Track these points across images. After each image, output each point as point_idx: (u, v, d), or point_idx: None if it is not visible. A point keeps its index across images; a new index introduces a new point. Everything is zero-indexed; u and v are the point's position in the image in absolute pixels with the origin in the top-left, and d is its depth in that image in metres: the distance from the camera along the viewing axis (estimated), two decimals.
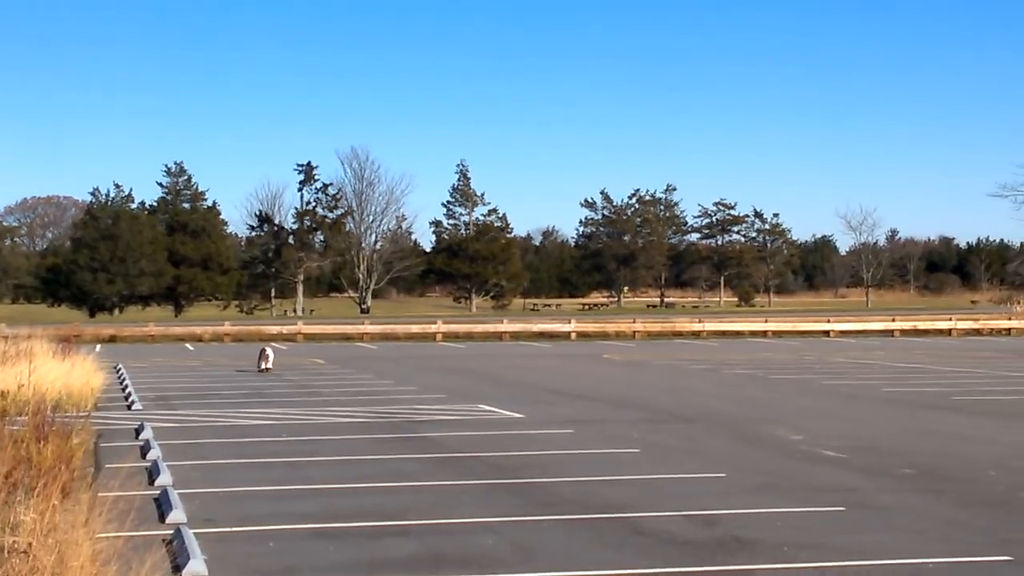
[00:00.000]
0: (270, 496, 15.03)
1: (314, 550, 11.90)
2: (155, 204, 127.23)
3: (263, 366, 37.72)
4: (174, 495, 14.27)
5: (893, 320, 70.84)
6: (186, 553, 11.23)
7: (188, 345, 59.99)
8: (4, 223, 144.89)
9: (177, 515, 13.31)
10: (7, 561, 7.18)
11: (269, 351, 39.16)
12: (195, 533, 12.10)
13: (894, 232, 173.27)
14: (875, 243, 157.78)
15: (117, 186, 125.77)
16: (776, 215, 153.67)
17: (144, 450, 18.98)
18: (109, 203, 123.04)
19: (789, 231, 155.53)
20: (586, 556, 11.61)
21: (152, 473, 16.48)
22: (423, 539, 12.38)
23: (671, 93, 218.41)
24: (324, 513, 13.76)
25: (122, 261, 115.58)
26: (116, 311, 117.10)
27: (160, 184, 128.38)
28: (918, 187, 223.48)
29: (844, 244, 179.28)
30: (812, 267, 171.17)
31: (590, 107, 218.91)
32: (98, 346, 54.84)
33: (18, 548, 7.35)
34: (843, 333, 67.92)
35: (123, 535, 12.22)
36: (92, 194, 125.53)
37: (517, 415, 24.65)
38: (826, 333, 67.79)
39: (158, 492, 14.86)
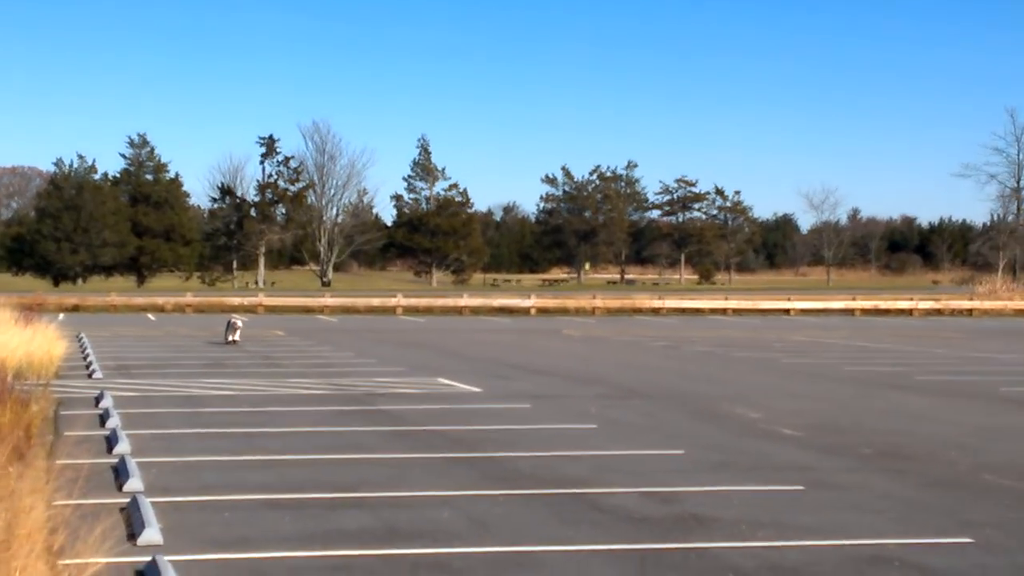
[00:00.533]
0: (227, 466, 14.96)
1: (269, 520, 11.85)
2: (118, 175, 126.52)
3: (230, 338, 37.11)
4: (132, 463, 14.20)
5: (854, 299, 71.05)
6: (141, 522, 11.17)
7: (150, 315, 59.75)
8: None
9: (134, 483, 13.24)
10: None
11: (238, 322, 38.30)
12: (151, 502, 12.05)
13: (856, 211, 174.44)
14: (837, 222, 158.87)
15: (80, 157, 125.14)
16: (738, 193, 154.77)
17: (103, 418, 18.86)
18: (73, 174, 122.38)
19: (750, 209, 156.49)
20: (541, 531, 11.60)
21: (111, 441, 16.38)
22: (378, 512, 12.34)
23: (633, 70, 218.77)
24: (280, 484, 13.71)
25: (85, 231, 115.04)
26: (80, 281, 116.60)
27: (123, 155, 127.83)
28: (880, 166, 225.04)
29: (806, 223, 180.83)
30: (773, 245, 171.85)
31: (552, 83, 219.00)
32: (61, 315, 54.60)
33: None
34: (804, 311, 68.20)
35: (79, 503, 12.16)
36: (56, 164, 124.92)
37: (475, 389, 24.63)
38: (787, 311, 68.02)
39: (116, 460, 14.79)
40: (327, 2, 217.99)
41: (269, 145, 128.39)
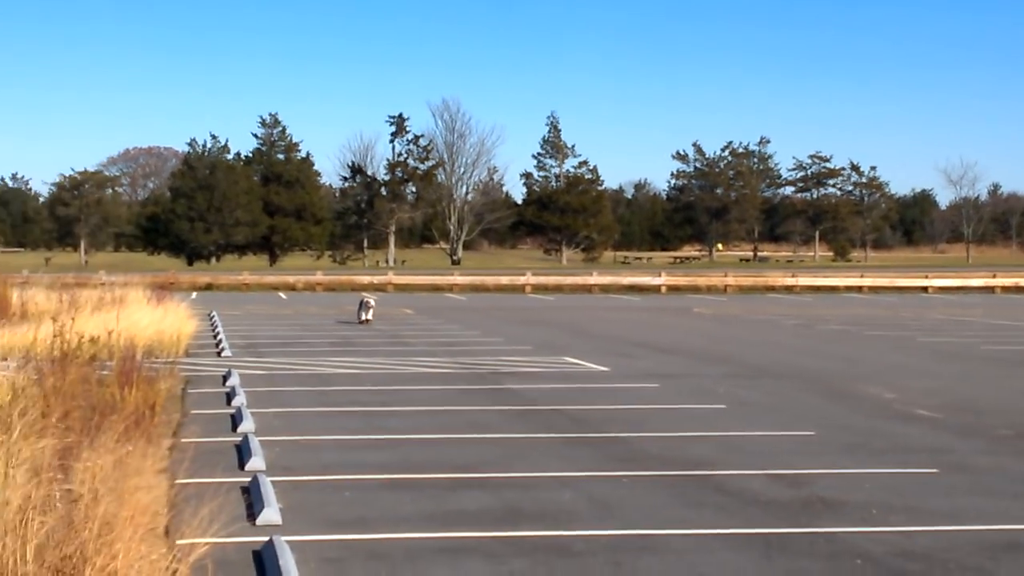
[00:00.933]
0: (349, 445, 14.92)
1: (388, 501, 11.75)
2: (250, 155, 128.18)
3: (363, 317, 36.69)
4: (255, 442, 14.21)
5: (994, 276, 69.35)
6: (261, 501, 11.14)
7: (281, 294, 60.40)
8: (106, 173, 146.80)
9: (256, 462, 13.24)
10: (61, 509, 7.08)
11: (371, 301, 37.95)
12: (272, 481, 12.01)
13: (996, 186, 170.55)
14: (976, 198, 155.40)
15: (213, 137, 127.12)
16: (873, 168, 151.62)
17: (229, 397, 18.99)
18: (206, 154, 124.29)
19: (887, 185, 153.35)
20: (664, 514, 11.35)
21: (235, 420, 16.44)
22: (499, 492, 12.18)
23: (766, 44, 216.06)
24: (401, 464, 13.61)
25: (218, 211, 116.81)
26: (213, 260, 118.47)
27: (255, 135, 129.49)
28: (1022, 141, 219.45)
29: (944, 199, 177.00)
30: (911, 222, 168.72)
31: (683, 58, 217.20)
32: (194, 294, 55.42)
33: (73, 496, 7.24)
34: (941, 289, 66.77)
35: (201, 481, 12.19)
36: (189, 145, 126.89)
37: (602, 368, 24.38)
38: (924, 289, 66.66)
39: (239, 439, 14.81)
40: None
41: (399, 124, 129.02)
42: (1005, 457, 14.55)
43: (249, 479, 12.22)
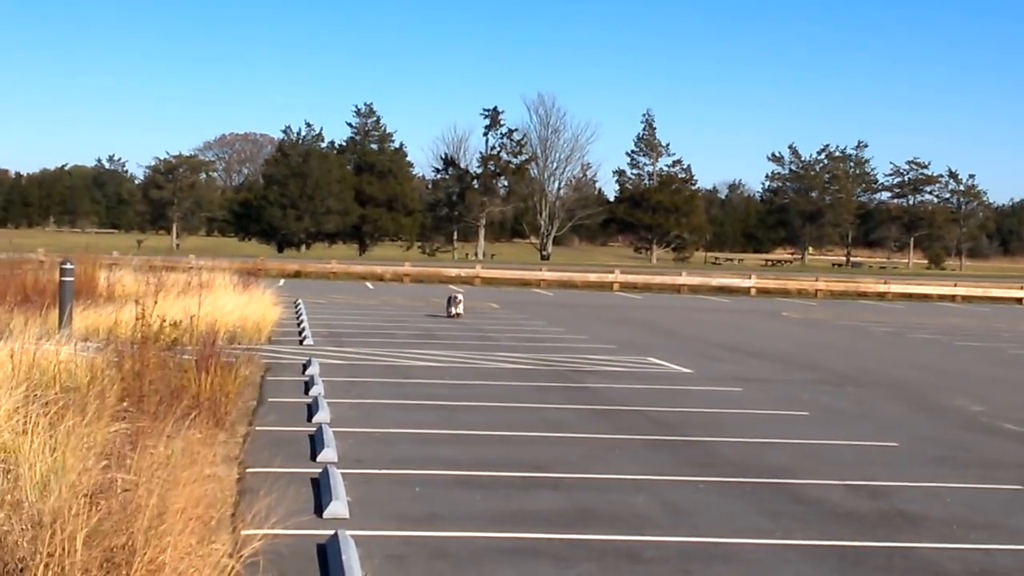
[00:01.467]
0: (422, 440, 14.80)
1: (459, 498, 11.61)
2: (344, 144, 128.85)
3: (453, 311, 36.21)
4: (328, 433, 14.12)
5: None
6: (330, 494, 11.04)
7: (368, 283, 60.55)
8: (202, 158, 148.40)
9: (328, 454, 13.16)
10: (108, 499, 7.02)
11: (460, 296, 37.62)
12: (343, 473, 11.92)
13: None
14: None
15: (308, 125, 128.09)
16: (972, 176, 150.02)
17: (308, 386, 18.96)
18: (300, 141, 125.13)
19: (985, 193, 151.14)
20: (739, 523, 11.11)
21: (311, 409, 16.39)
22: (572, 493, 12.01)
23: (865, 47, 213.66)
24: (474, 460, 13.47)
25: (310, 199, 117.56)
26: (303, 247, 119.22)
27: (349, 124, 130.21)
28: None
29: None
30: (1008, 232, 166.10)
31: (780, 60, 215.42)
32: (282, 281, 55.71)
33: (115, 488, 7.17)
34: None
35: (272, 471, 12.14)
36: (284, 132, 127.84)
37: (686, 370, 24.10)
38: (1019, 301, 65.48)
39: (314, 429, 14.74)
40: None
41: (493, 117, 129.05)
42: None
43: (320, 470, 12.13)
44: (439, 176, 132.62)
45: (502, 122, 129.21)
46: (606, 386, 20.94)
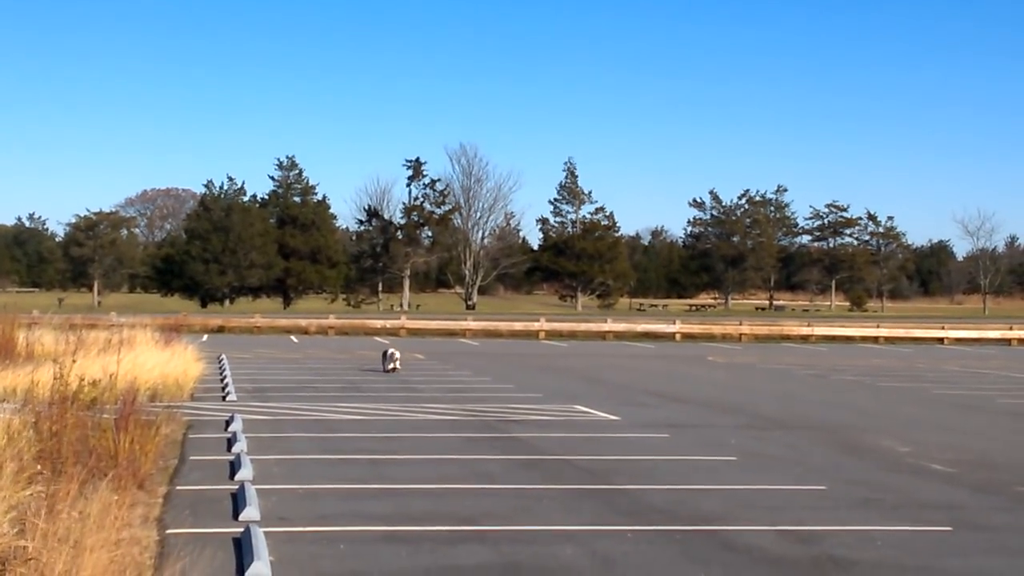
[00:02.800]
0: (348, 495, 14.56)
1: (385, 554, 11.39)
2: (266, 197, 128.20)
3: (389, 366, 35.20)
4: (251, 491, 13.86)
5: (1011, 328, 68.84)
6: (252, 554, 10.78)
7: (293, 337, 60.05)
8: (123, 214, 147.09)
9: (250, 512, 12.90)
10: (14, 567, 6.75)
11: (396, 352, 36.29)
12: (266, 532, 11.68)
13: (1013, 238, 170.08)
14: (994, 249, 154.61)
15: (230, 179, 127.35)
16: (891, 218, 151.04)
17: (230, 443, 18.65)
18: (222, 195, 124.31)
19: (904, 235, 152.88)
20: (669, 571, 10.99)
21: (234, 467, 16.10)
22: (499, 546, 11.82)
23: (783, 92, 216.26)
24: (401, 515, 13.25)
25: (233, 253, 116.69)
26: (227, 302, 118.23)
27: (272, 177, 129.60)
28: None
29: (961, 250, 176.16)
30: (928, 272, 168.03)
31: (699, 106, 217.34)
32: (205, 336, 55.13)
33: (25, 555, 6.91)
34: (958, 341, 66.28)
35: (192, 531, 11.88)
36: (206, 186, 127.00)
37: (612, 417, 24.00)
38: (940, 340, 66.16)
39: (236, 487, 14.46)
40: (473, 26, 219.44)
41: (416, 168, 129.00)
42: (1020, 514, 14.18)
43: (242, 530, 11.87)
44: (363, 228, 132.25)
45: (425, 172, 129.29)
46: (533, 435, 20.78)
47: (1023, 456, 19.45)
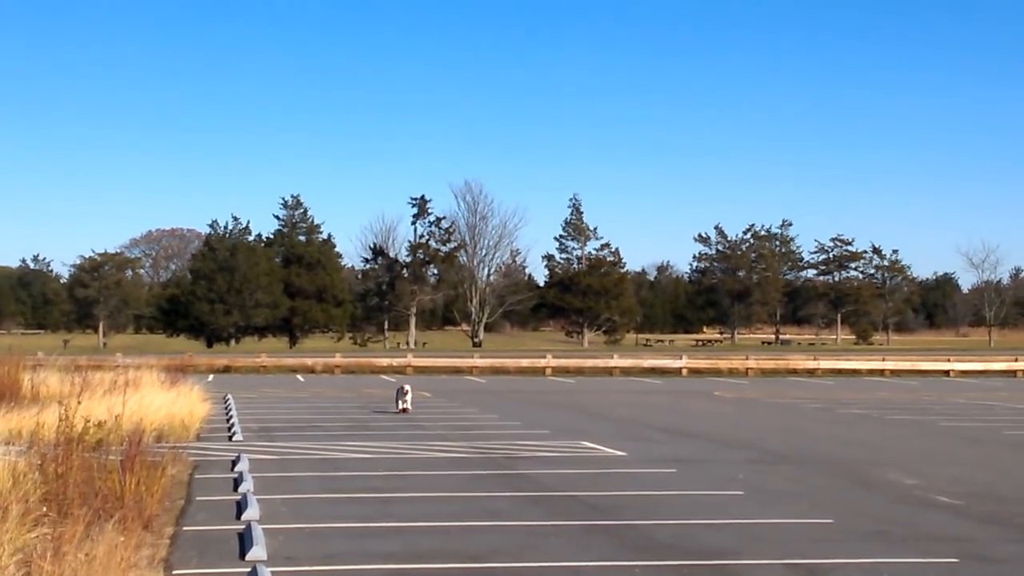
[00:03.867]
0: (356, 533, 14.55)
1: None
2: (271, 237, 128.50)
3: (400, 406, 34.10)
4: (257, 531, 13.86)
5: (1016, 360, 68.78)
6: None
7: (299, 376, 60.02)
8: (128, 255, 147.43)
9: (257, 552, 12.89)
10: None
11: (407, 387, 35.19)
12: (273, 571, 11.68)
13: (1018, 270, 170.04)
14: (998, 281, 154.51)
15: (235, 219, 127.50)
16: (895, 252, 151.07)
17: (237, 482, 18.63)
18: (227, 235, 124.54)
19: (909, 268, 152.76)
20: None
21: (240, 506, 16.09)
22: None
23: (788, 127, 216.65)
24: (408, 553, 13.25)
25: (239, 292, 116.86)
26: (232, 342, 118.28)
27: (277, 217, 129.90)
28: None
29: (966, 282, 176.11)
30: (933, 305, 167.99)
31: (706, 141, 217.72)
32: (211, 376, 55.13)
33: None
34: (964, 373, 66.15)
35: (199, 572, 11.87)
36: (211, 226, 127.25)
37: (620, 453, 23.98)
38: (946, 373, 66.07)
39: (243, 527, 14.45)
40: (477, 63, 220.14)
41: (421, 206, 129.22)
42: None
43: (248, 570, 11.86)
44: (368, 266, 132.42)
45: (430, 210, 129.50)
46: (540, 472, 20.77)
47: None
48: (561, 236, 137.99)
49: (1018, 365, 67.25)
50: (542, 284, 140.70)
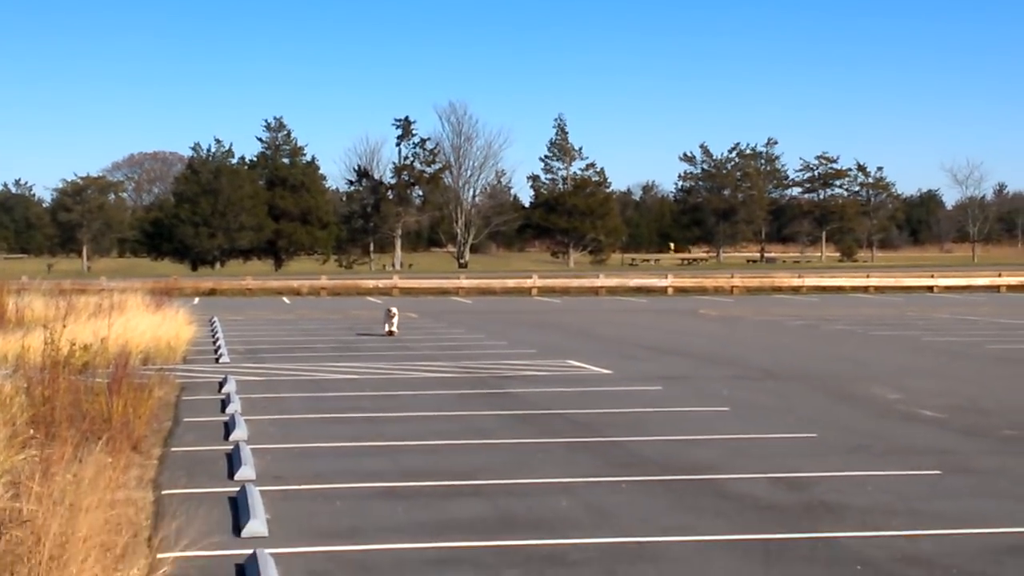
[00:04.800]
0: (344, 452, 14.64)
1: (381, 510, 11.48)
2: (255, 159, 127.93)
3: (387, 328, 33.52)
4: (246, 451, 13.93)
5: (1000, 275, 69.07)
6: (248, 512, 10.86)
7: (285, 299, 60.09)
8: (111, 178, 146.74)
9: (246, 472, 12.96)
10: (10, 530, 6.81)
11: (395, 310, 34.61)
12: (261, 491, 11.75)
13: (1002, 186, 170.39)
14: (982, 197, 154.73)
15: (218, 141, 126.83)
16: (880, 169, 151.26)
17: (224, 404, 18.69)
18: (210, 158, 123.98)
19: (893, 185, 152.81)
20: (664, 521, 11.07)
21: (228, 427, 16.16)
22: (494, 500, 11.91)
23: (772, 45, 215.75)
24: (396, 471, 13.33)
25: (223, 215, 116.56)
26: (217, 265, 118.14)
27: (260, 139, 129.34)
28: None
29: (950, 198, 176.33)
30: (917, 222, 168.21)
31: (690, 60, 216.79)
32: (196, 299, 55.21)
33: (21, 517, 6.97)
34: (947, 288, 66.43)
35: (188, 491, 11.95)
36: (193, 149, 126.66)
37: (605, 371, 24.09)
38: (930, 288, 66.33)
39: (231, 447, 14.53)
40: None
41: (405, 127, 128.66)
42: (1010, 458, 14.26)
43: (237, 489, 11.94)
44: (353, 188, 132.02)
45: (414, 132, 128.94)
46: (526, 391, 20.87)
47: (1012, 401, 19.56)
48: (546, 156, 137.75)
49: (1001, 280, 67.55)
50: (527, 205, 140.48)
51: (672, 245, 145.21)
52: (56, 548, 6.58)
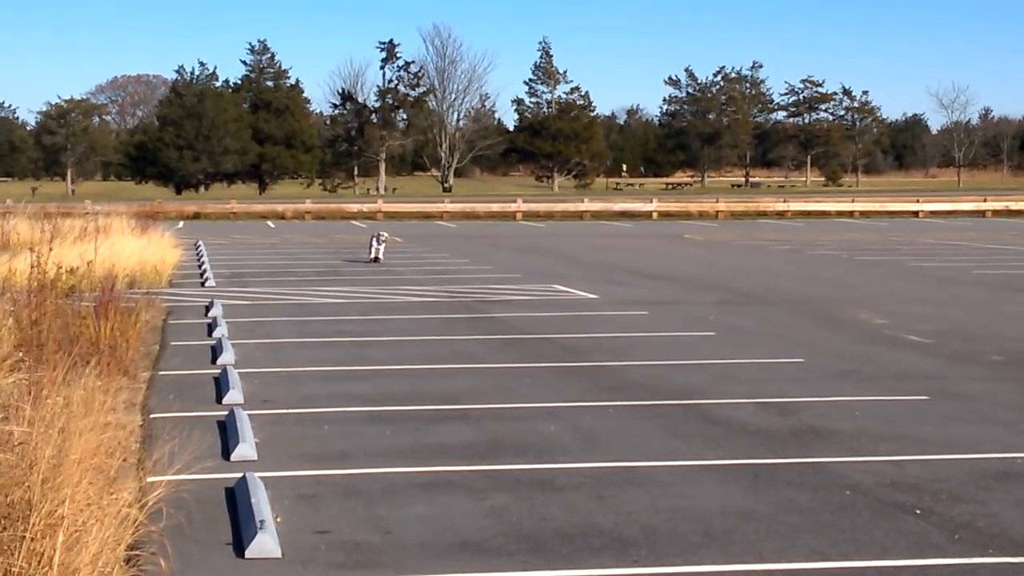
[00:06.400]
0: (331, 376, 14.65)
1: (369, 434, 11.49)
2: (239, 82, 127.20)
3: (372, 255, 32.07)
4: (233, 375, 13.91)
5: (985, 200, 69.16)
6: (237, 436, 10.86)
7: (270, 223, 59.96)
8: (94, 101, 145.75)
9: (234, 395, 12.94)
10: (3, 451, 6.80)
11: (385, 234, 33.24)
12: (250, 414, 11.74)
13: (987, 110, 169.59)
14: (967, 122, 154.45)
15: (202, 64, 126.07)
16: (865, 93, 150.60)
17: (211, 328, 18.62)
18: (194, 81, 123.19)
19: (879, 109, 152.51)
20: (651, 446, 11.10)
21: (215, 351, 16.12)
22: (482, 424, 11.93)
23: None
24: (383, 395, 13.35)
25: (207, 139, 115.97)
26: (202, 188, 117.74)
27: (244, 62, 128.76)
28: (1013, 64, 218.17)
29: (936, 123, 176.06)
30: (902, 146, 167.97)
31: None
32: (181, 223, 55.06)
33: (13, 440, 6.96)
34: (932, 213, 66.46)
35: (177, 415, 11.96)
36: (177, 72, 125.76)
37: (591, 296, 24.09)
38: (915, 213, 66.39)
39: (218, 371, 14.51)
40: None
41: (389, 50, 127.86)
42: (997, 383, 14.32)
43: (226, 413, 11.94)
44: (337, 112, 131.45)
45: (398, 55, 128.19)
46: (512, 315, 20.88)
47: (998, 326, 19.62)
48: (531, 80, 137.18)
49: (986, 205, 67.66)
50: (512, 129, 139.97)
51: (624, 167, 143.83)
52: (49, 471, 6.58)
